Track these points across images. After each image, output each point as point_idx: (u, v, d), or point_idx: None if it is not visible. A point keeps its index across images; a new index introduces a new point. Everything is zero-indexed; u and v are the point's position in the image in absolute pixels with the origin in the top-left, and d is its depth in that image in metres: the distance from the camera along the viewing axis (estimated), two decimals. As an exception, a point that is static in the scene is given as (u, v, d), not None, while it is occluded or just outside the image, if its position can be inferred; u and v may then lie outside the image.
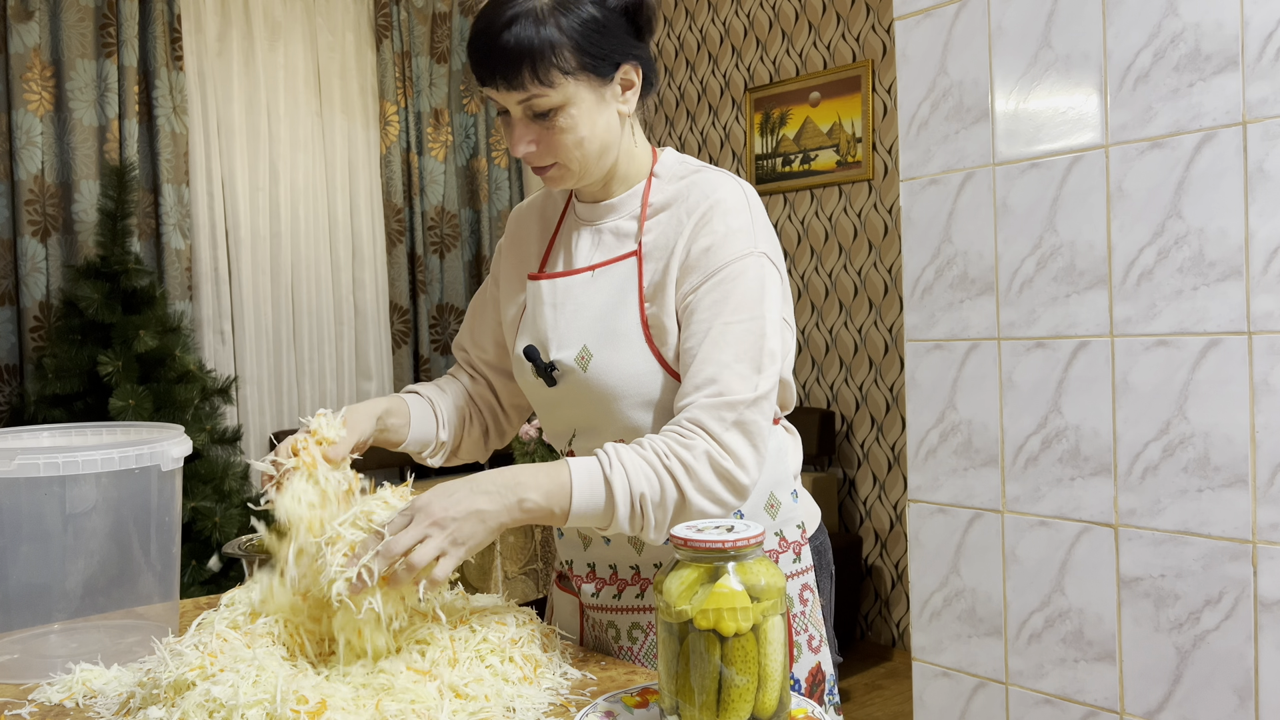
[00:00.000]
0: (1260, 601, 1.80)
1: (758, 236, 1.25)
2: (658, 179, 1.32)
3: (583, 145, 1.24)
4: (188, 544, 3.62)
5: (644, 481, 1.14)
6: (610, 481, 1.14)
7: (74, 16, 4.08)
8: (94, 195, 4.07)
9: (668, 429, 1.19)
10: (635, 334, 1.26)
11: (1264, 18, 1.76)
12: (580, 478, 1.14)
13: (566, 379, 1.29)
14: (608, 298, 1.28)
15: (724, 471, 1.16)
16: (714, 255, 1.23)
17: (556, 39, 1.19)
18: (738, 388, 1.18)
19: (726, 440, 1.17)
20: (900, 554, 4.28)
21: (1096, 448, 2.00)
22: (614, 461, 1.15)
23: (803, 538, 1.37)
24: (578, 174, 1.28)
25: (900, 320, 4.24)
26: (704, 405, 1.18)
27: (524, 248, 1.43)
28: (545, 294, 1.32)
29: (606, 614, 1.36)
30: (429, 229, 5.12)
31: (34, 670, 1.26)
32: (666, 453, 1.15)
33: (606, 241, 1.33)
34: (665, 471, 1.15)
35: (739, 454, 1.17)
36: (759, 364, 1.20)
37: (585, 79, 1.22)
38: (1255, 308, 1.79)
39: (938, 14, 2.23)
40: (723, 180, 1.28)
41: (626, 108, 1.27)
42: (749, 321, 1.21)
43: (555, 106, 1.21)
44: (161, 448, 1.31)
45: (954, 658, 2.28)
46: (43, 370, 3.71)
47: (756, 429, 1.19)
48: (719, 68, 4.89)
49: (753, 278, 1.23)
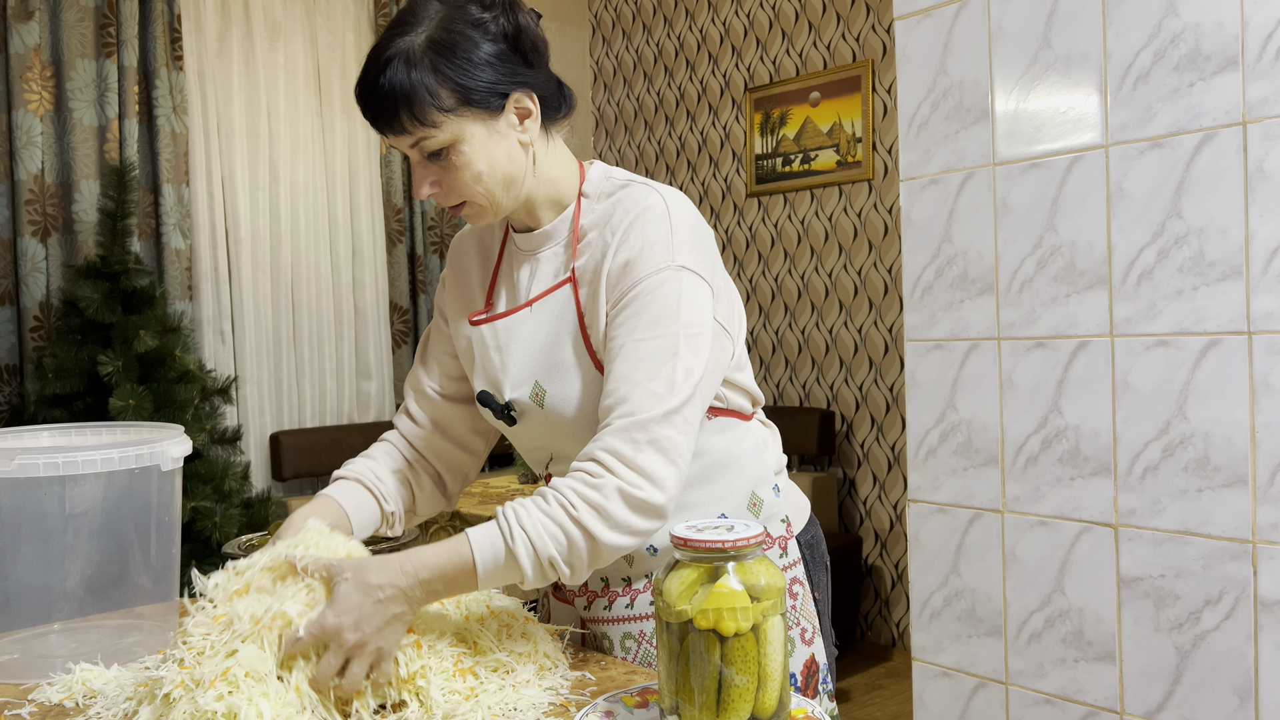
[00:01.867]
0: (1260, 601, 1.80)
1: (676, 249, 1.21)
2: (586, 199, 1.30)
3: (482, 180, 1.22)
4: (188, 544, 3.62)
5: (549, 542, 1.11)
6: (514, 551, 1.11)
7: (74, 16, 4.07)
8: (94, 195, 4.07)
9: (577, 466, 1.15)
10: (582, 362, 1.24)
11: (1264, 18, 1.76)
12: (482, 553, 1.11)
13: (526, 416, 1.28)
14: (549, 330, 1.27)
15: (638, 502, 1.13)
16: (630, 271, 1.20)
17: (430, 79, 1.16)
18: (647, 405, 1.15)
19: (640, 463, 1.13)
20: (900, 554, 4.28)
21: (1096, 448, 2.00)
22: (514, 529, 1.11)
23: (788, 531, 1.37)
24: (489, 209, 1.25)
25: (900, 320, 4.24)
26: (615, 430, 1.14)
27: (466, 280, 1.41)
28: (488, 337, 1.31)
29: (600, 626, 1.36)
30: (429, 229, 5.12)
31: (34, 670, 1.26)
32: (574, 502, 1.12)
33: (543, 271, 1.31)
34: (572, 523, 1.11)
35: (654, 475, 1.13)
36: (672, 382, 1.16)
37: (470, 114, 1.19)
38: (1255, 308, 1.79)
39: (938, 14, 2.23)
40: (645, 194, 1.25)
41: (528, 136, 1.24)
42: (662, 339, 1.18)
43: (445, 145, 1.19)
44: (161, 448, 1.31)
45: (954, 658, 2.28)
46: (43, 370, 3.71)
47: (673, 445, 1.15)
48: (719, 68, 4.89)
49: (668, 293, 1.19)
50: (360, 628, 1.07)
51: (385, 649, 1.09)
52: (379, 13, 4.94)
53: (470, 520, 3.26)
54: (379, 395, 5.01)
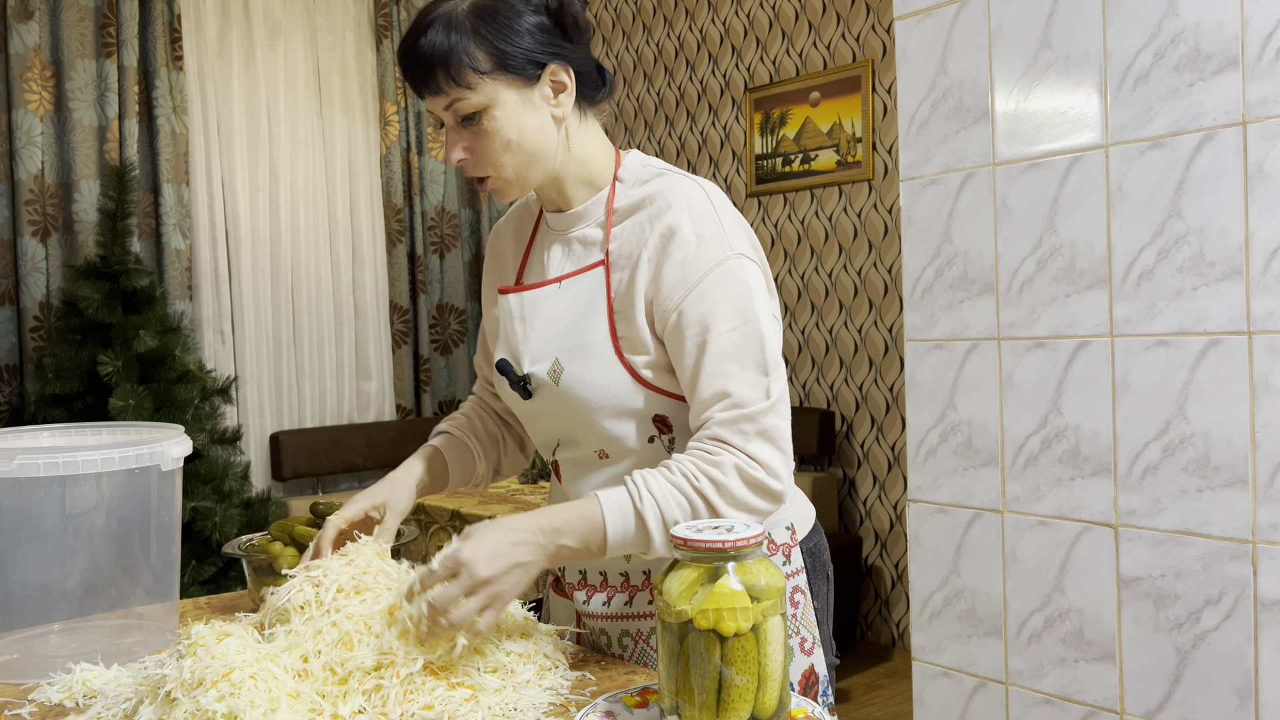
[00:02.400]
0: (1260, 601, 1.80)
1: (730, 238, 1.23)
2: (621, 184, 1.31)
3: (510, 149, 1.23)
4: (188, 544, 3.62)
5: (676, 508, 1.15)
6: (642, 515, 1.15)
7: (74, 16, 4.08)
8: (94, 195, 4.07)
9: (693, 448, 1.19)
10: (605, 346, 1.25)
11: (1264, 18, 1.76)
12: (612, 514, 1.15)
13: (541, 392, 1.29)
14: (576, 309, 1.28)
15: (755, 481, 1.17)
16: (690, 268, 1.21)
17: (469, 41, 1.19)
18: (750, 396, 1.18)
19: (752, 450, 1.17)
20: (900, 554, 4.29)
21: (1096, 448, 2.00)
22: (643, 493, 1.15)
23: (792, 539, 1.37)
24: (515, 182, 1.27)
25: (900, 320, 4.24)
26: (723, 421, 1.17)
27: (501, 262, 1.43)
28: (514, 308, 1.32)
29: (598, 621, 1.36)
30: (429, 229, 5.12)
31: (34, 670, 1.26)
32: (696, 474, 1.16)
33: (575, 251, 1.32)
34: (696, 494, 1.15)
35: (768, 462, 1.17)
36: (764, 367, 1.20)
37: (505, 79, 1.21)
38: (1255, 308, 1.79)
39: (938, 14, 2.23)
40: (685, 185, 1.26)
41: (560, 110, 1.25)
42: (744, 326, 1.20)
43: (478, 109, 1.21)
44: (161, 448, 1.31)
45: (954, 658, 2.28)
46: (43, 370, 3.72)
47: (779, 433, 1.19)
48: (719, 68, 4.89)
49: (735, 281, 1.21)
50: (492, 563, 1.10)
51: (504, 594, 1.12)
52: (379, 13, 4.94)
53: (469, 519, 3.26)
54: (379, 395, 5.01)
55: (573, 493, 1.33)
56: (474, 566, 1.10)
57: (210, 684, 1.01)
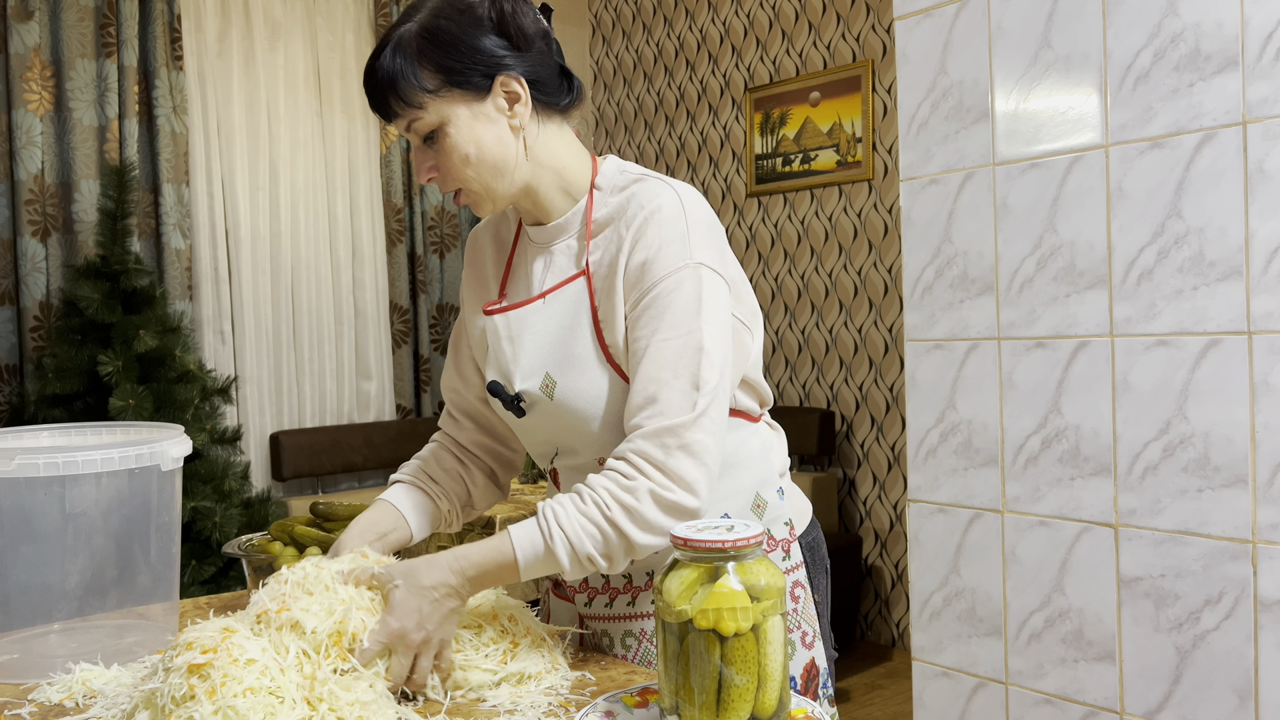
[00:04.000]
0: (1260, 601, 1.80)
1: (693, 246, 1.22)
2: (599, 192, 1.31)
3: (470, 163, 1.24)
4: (188, 544, 3.62)
5: (586, 540, 1.16)
6: (553, 550, 1.16)
7: (74, 16, 4.07)
8: (94, 195, 4.07)
9: (611, 466, 1.18)
10: (594, 356, 1.25)
11: (1264, 18, 1.76)
12: (524, 551, 1.17)
13: (536, 408, 1.29)
14: (562, 322, 1.28)
15: (670, 505, 1.16)
16: (649, 271, 1.22)
17: (414, 62, 1.22)
18: (677, 406, 1.17)
19: (672, 467, 1.16)
20: (900, 554, 4.29)
21: (1096, 448, 2.00)
22: (553, 528, 1.16)
23: (791, 534, 1.37)
24: (485, 195, 1.27)
25: (900, 320, 4.24)
26: (647, 434, 1.17)
27: (482, 273, 1.43)
28: (500, 328, 1.32)
29: (600, 623, 1.36)
30: (429, 229, 5.12)
31: (34, 670, 1.26)
32: (608, 502, 1.16)
33: (557, 264, 1.32)
34: (607, 524, 1.16)
35: (687, 479, 1.16)
36: (697, 380, 1.18)
37: (454, 95, 1.23)
38: (1255, 308, 1.79)
39: (938, 14, 2.23)
40: (659, 189, 1.26)
41: (518, 121, 1.26)
42: (685, 337, 1.19)
43: (433, 128, 1.24)
44: (161, 448, 1.31)
45: (954, 658, 2.28)
46: (43, 370, 3.71)
47: (703, 448, 1.18)
48: (719, 68, 4.89)
49: (688, 291, 1.20)
50: (423, 626, 1.14)
51: (446, 639, 1.17)
52: (379, 13, 4.94)
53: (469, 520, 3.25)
54: (379, 395, 5.01)
55: None
56: (408, 636, 1.14)
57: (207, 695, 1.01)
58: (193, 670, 1.02)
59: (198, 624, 1.10)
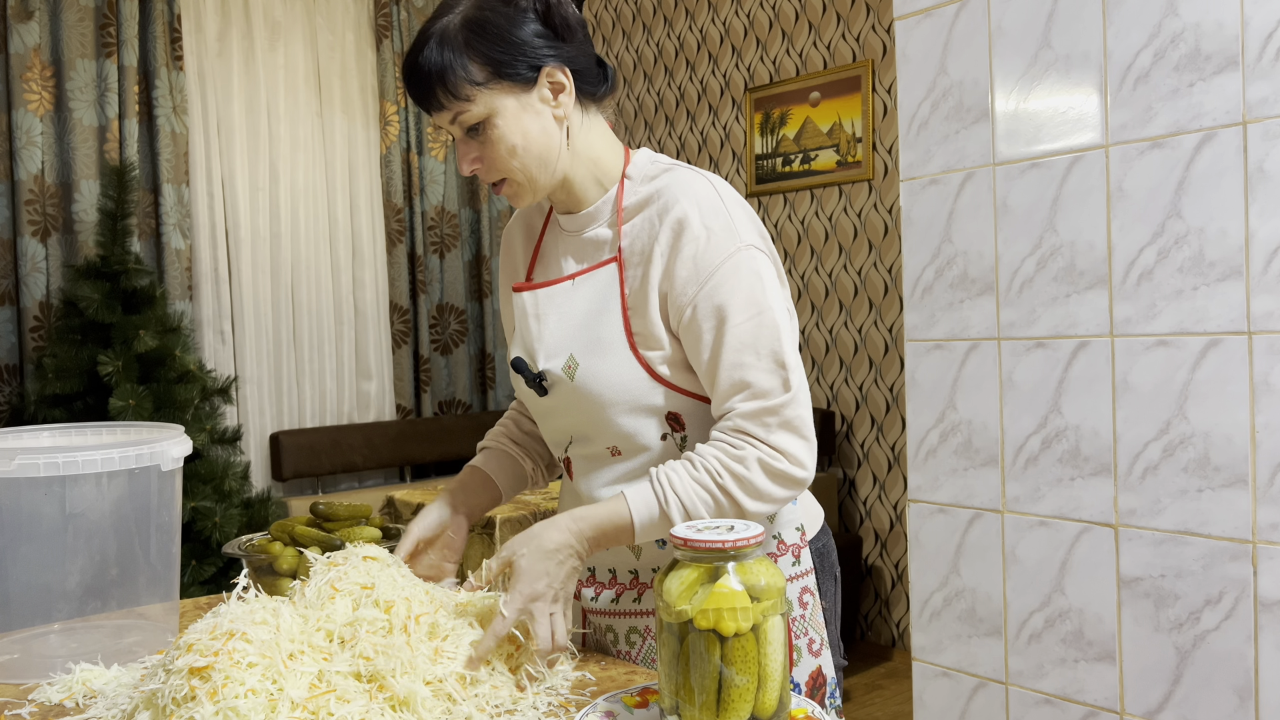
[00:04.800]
0: (1260, 601, 1.80)
1: (739, 229, 1.24)
2: (630, 180, 1.31)
3: (517, 154, 1.25)
4: (188, 544, 3.62)
5: (700, 505, 1.19)
6: (668, 514, 1.19)
7: (74, 16, 4.07)
8: (94, 195, 4.07)
9: (716, 439, 1.21)
10: (619, 341, 1.26)
11: (1264, 18, 1.76)
12: (640, 515, 1.20)
13: (557, 388, 1.30)
14: (590, 305, 1.28)
15: (778, 473, 1.20)
16: (702, 261, 1.22)
17: (462, 55, 1.22)
18: (769, 385, 1.20)
19: (775, 441, 1.20)
20: (900, 554, 4.29)
21: (1096, 448, 2.00)
22: (668, 492, 1.19)
23: (802, 540, 1.37)
24: (528, 186, 1.28)
25: (900, 320, 4.24)
26: (745, 413, 1.20)
27: (513, 259, 1.45)
28: (528, 305, 1.33)
29: (605, 618, 1.37)
30: (429, 229, 5.12)
31: (34, 670, 1.26)
32: (719, 470, 1.19)
33: (587, 249, 1.33)
34: (719, 490, 1.19)
35: (791, 452, 1.20)
36: (781, 357, 1.21)
37: (502, 87, 1.23)
38: (1255, 308, 1.79)
39: (938, 14, 2.23)
40: (692, 179, 1.27)
41: (562, 111, 1.27)
42: (759, 316, 1.21)
43: (480, 120, 1.24)
44: (161, 448, 1.31)
45: (954, 658, 2.28)
46: (43, 370, 3.71)
47: (802, 422, 1.21)
48: (719, 68, 4.89)
49: (748, 272, 1.22)
50: (553, 586, 1.19)
51: (569, 596, 1.22)
52: (379, 13, 4.94)
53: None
54: (379, 395, 5.01)
55: (583, 489, 1.34)
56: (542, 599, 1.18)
57: (208, 696, 1.01)
58: (194, 672, 1.02)
59: (210, 617, 1.10)
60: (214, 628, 1.07)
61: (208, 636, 1.06)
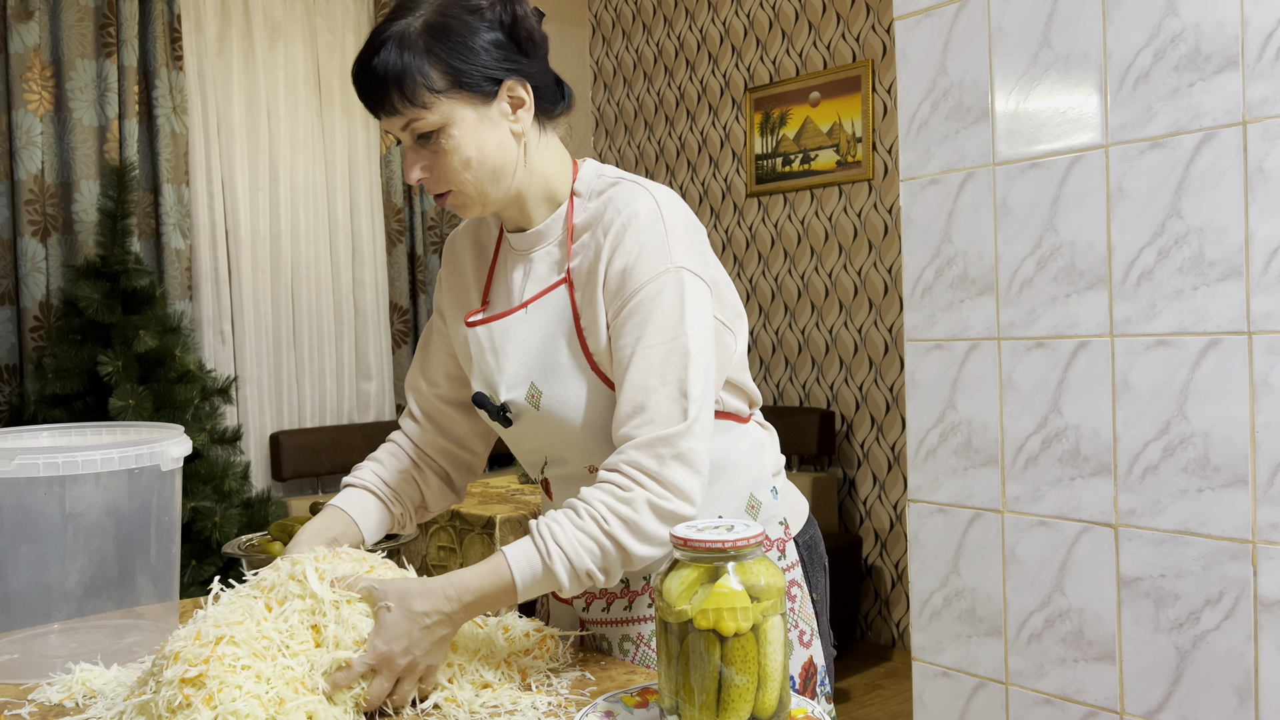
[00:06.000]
0: (1260, 601, 1.80)
1: (672, 250, 1.20)
2: (579, 198, 1.29)
3: (470, 167, 1.22)
4: (188, 544, 3.62)
5: (585, 556, 1.14)
6: (551, 569, 1.14)
7: (74, 16, 4.07)
8: (94, 195, 4.07)
9: (605, 477, 1.16)
10: (579, 364, 1.24)
11: (1264, 18, 1.76)
12: (521, 573, 1.14)
13: (522, 418, 1.28)
14: (545, 331, 1.26)
15: (668, 514, 1.15)
16: (629, 278, 1.20)
17: (422, 60, 1.18)
18: (667, 414, 1.15)
19: (667, 477, 1.14)
20: (900, 554, 4.28)
21: (1096, 448, 2.00)
22: (551, 547, 1.14)
23: (786, 534, 1.37)
24: (476, 199, 1.25)
25: (900, 320, 4.24)
26: (639, 445, 1.15)
27: (462, 279, 1.41)
28: (484, 339, 1.31)
29: (598, 627, 1.36)
30: (429, 229, 5.12)
31: (34, 670, 1.26)
32: (605, 515, 1.14)
33: (538, 272, 1.30)
34: (606, 538, 1.14)
35: (682, 488, 1.15)
36: (685, 386, 1.17)
37: (462, 97, 1.20)
38: (1255, 308, 1.79)
39: (938, 14, 2.23)
40: (635, 194, 1.24)
41: (520, 127, 1.24)
42: (670, 343, 1.17)
43: (435, 128, 1.20)
44: (161, 448, 1.31)
45: (954, 658, 2.28)
46: (43, 370, 3.71)
47: (696, 455, 1.16)
48: (719, 68, 4.89)
49: (670, 296, 1.19)
50: (410, 652, 1.12)
51: (434, 665, 1.15)
52: (379, 13, 4.94)
53: (469, 520, 3.26)
54: (379, 395, 5.01)
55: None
56: (394, 661, 1.11)
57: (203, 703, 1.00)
58: (186, 682, 1.02)
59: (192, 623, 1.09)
60: (198, 634, 1.06)
61: (194, 643, 1.05)
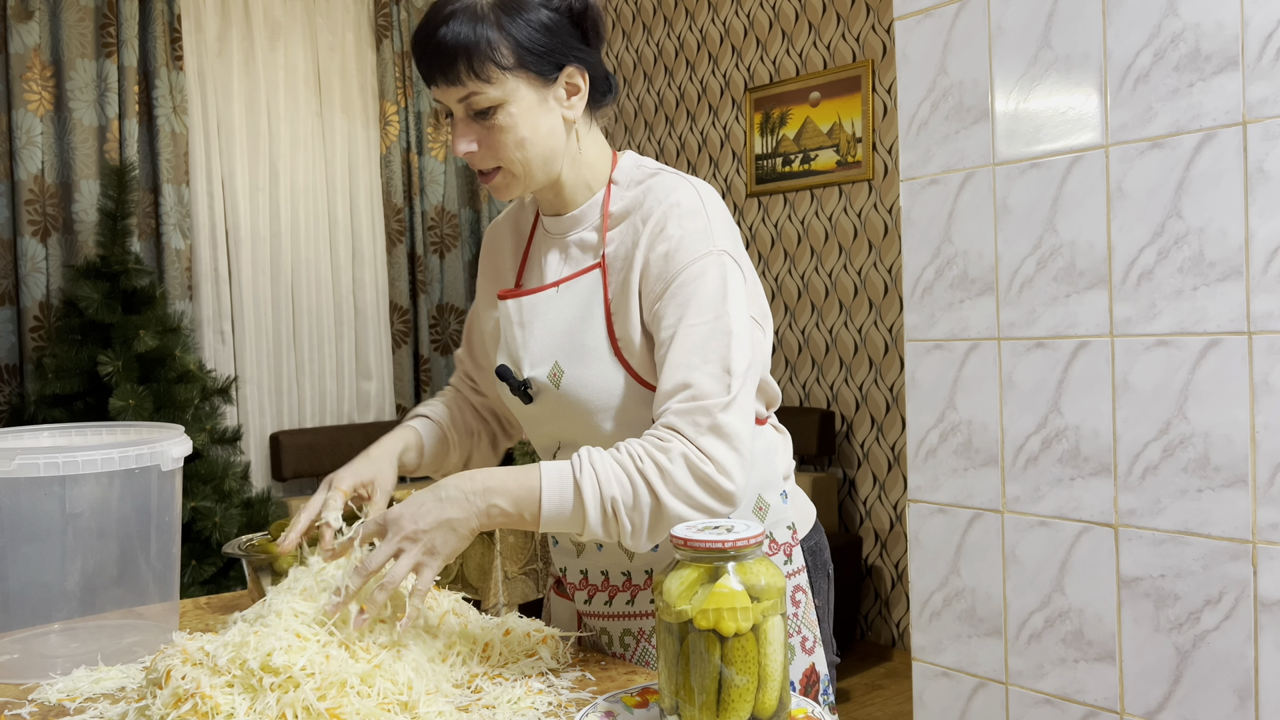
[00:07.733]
0: (1260, 601, 1.80)
1: (715, 235, 1.23)
2: (616, 185, 1.31)
3: (523, 146, 1.23)
4: (188, 544, 3.62)
5: (615, 485, 1.12)
6: (580, 486, 1.12)
7: (74, 16, 4.08)
8: (94, 195, 4.07)
9: (646, 434, 1.17)
10: (604, 348, 1.25)
11: (1264, 18, 1.76)
12: (550, 482, 1.12)
13: (542, 396, 1.29)
14: (575, 312, 1.28)
15: (702, 476, 1.13)
16: (672, 260, 1.21)
17: (494, 34, 1.18)
18: (710, 389, 1.16)
19: (703, 444, 1.13)
20: (900, 554, 4.29)
21: (1096, 448, 2.00)
22: (584, 465, 1.13)
23: (793, 539, 1.37)
24: (521, 179, 1.26)
25: (900, 320, 4.24)
26: (678, 410, 1.15)
27: (499, 263, 1.44)
28: (513, 312, 1.32)
29: (599, 621, 1.36)
30: (429, 229, 5.12)
31: (34, 670, 1.26)
32: (641, 455, 1.13)
33: (573, 255, 1.32)
34: (639, 475, 1.12)
35: (717, 458, 1.13)
36: (728, 364, 1.17)
37: (525, 77, 1.21)
38: (1255, 308, 1.79)
39: (938, 14, 2.23)
40: (677, 183, 1.26)
41: (572, 113, 1.26)
42: (713, 322, 1.19)
43: (494, 104, 1.21)
44: (161, 448, 1.31)
45: (954, 658, 2.28)
46: (43, 370, 3.72)
47: (734, 432, 1.15)
48: (719, 68, 4.89)
49: (713, 277, 1.20)
50: (416, 519, 1.11)
51: (436, 550, 1.11)
52: (379, 13, 4.94)
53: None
54: (379, 395, 5.01)
55: None
56: (399, 523, 1.11)
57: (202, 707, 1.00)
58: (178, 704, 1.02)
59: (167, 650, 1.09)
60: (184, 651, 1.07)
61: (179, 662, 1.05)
